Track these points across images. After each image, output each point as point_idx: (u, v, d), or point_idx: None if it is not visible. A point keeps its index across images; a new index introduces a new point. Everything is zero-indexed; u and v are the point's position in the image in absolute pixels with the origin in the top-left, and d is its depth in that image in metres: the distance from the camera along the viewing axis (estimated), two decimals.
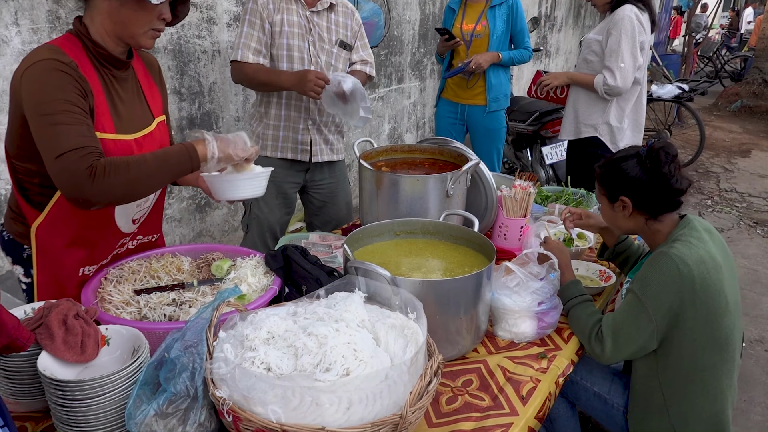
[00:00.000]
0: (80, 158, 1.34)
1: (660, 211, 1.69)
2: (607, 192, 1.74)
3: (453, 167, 2.21)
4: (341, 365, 1.15)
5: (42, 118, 1.36)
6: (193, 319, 1.26)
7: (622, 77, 2.92)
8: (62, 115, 1.36)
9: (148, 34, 1.49)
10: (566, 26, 8.29)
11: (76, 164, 1.34)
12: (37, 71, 1.38)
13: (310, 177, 2.70)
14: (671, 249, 1.57)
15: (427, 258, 1.76)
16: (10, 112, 1.49)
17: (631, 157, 1.69)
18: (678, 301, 1.55)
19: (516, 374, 1.51)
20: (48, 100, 1.36)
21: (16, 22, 2.50)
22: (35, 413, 1.34)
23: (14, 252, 1.65)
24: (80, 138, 1.36)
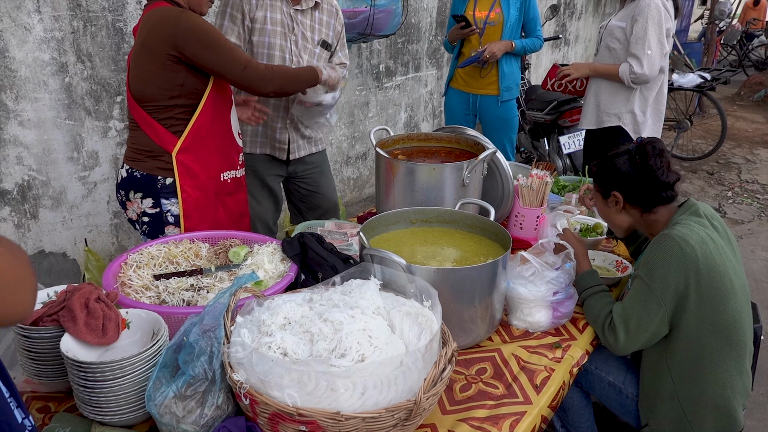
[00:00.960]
0: (258, 63, 1.97)
1: (652, 204, 1.72)
2: (601, 189, 1.79)
3: (469, 156, 2.20)
4: (356, 351, 1.16)
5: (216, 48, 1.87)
6: (211, 304, 1.28)
7: (649, 65, 2.87)
8: (228, 42, 1.92)
9: (207, 4, 2.00)
10: (586, 13, 8.16)
11: (258, 68, 1.96)
12: (190, 18, 1.84)
13: (293, 170, 2.63)
14: (672, 230, 1.59)
15: (442, 246, 1.76)
16: (143, 60, 1.88)
17: (623, 153, 1.73)
18: (684, 282, 1.55)
19: (530, 363, 1.52)
20: (213, 34, 1.88)
21: (38, 10, 2.53)
22: (58, 393, 1.37)
23: (146, 186, 1.98)
24: (245, 53, 2.02)
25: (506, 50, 3.53)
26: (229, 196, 2.12)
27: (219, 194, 2.08)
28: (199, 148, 1.98)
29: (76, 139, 2.78)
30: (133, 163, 1.99)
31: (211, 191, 2.05)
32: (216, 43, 1.87)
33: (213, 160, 2.03)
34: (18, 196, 2.63)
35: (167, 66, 1.86)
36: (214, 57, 1.87)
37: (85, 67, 2.74)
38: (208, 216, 2.04)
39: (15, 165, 2.59)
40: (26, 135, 2.60)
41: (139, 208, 2.00)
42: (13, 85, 2.52)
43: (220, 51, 1.87)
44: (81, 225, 2.90)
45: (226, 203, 2.11)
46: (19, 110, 2.56)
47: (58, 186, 2.77)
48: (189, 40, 1.83)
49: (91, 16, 2.71)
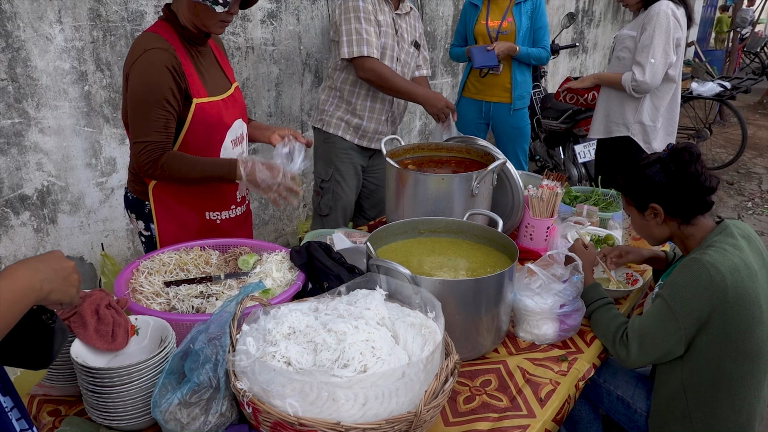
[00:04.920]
0: (146, 151, 1.75)
1: (692, 213, 1.65)
2: (634, 202, 1.71)
3: (479, 166, 2.20)
4: (359, 362, 1.17)
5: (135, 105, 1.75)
6: (218, 312, 1.30)
7: (651, 73, 2.85)
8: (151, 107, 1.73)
9: (218, 24, 1.83)
10: (605, 21, 8.10)
11: (142, 155, 1.76)
12: (146, 64, 1.73)
13: (371, 162, 2.94)
14: (704, 255, 1.54)
15: (449, 257, 1.76)
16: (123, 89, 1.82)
17: (655, 162, 1.66)
18: (708, 309, 1.51)
19: (535, 376, 1.51)
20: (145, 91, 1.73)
21: (60, 20, 2.60)
22: (69, 397, 1.40)
23: (137, 209, 2.00)
24: (157, 134, 1.75)
25: (509, 51, 3.51)
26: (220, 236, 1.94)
27: (203, 233, 1.96)
28: (176, 186, 1.90)
29: (94, 145, 2.84)
30: (129, 184, 2.02)
31: (192, 228, 1.96)
32: (140, 100, 1.73)
33: (193, 198, 1.94)
34: (38, 201, 2.70)
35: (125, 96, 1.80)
36: (132, 107, 1.77)
37: (104, 76, 2.80)
38: None
39: (35, 171, 2.66)
40: (46, 142, 2.66)
41: (137, 227, 2.05)
42: (34, 94, 2.58)
43: (137, 110, 1.75)
44: (98, 230, 2.96)
45: None
46: (40, 118, 2.62)
47: (76, 191, 2.82)
48: (131, 78, 1.75)
49: (110, 26, 2.77)
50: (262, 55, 3.55)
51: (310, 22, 3.81)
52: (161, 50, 1.75)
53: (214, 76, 1.94)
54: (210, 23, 1.81)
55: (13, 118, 2.54)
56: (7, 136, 2.53)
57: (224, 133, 1.93)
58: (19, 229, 2.66)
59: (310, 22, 3.81)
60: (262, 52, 3.55)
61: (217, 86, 1.93)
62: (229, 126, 1.94)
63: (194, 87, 1.83)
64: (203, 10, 1.77)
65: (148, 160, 1.76)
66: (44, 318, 1.00)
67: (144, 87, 1.74)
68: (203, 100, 1.85)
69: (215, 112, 1.88)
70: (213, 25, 1.82)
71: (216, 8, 1.72)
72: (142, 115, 1.75)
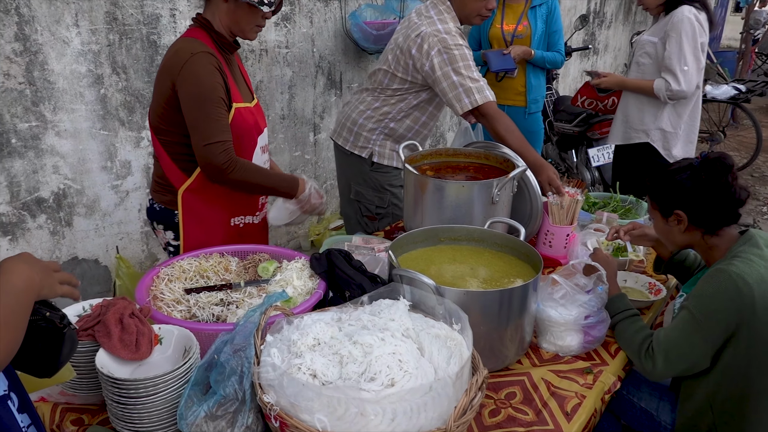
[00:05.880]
0: (225, 153, 1.76)
1: (718, 224, 1.62)
2: (659, 206, 1.68)
3: (498, 173, 2.19)
4: (386, 375, 1.16)
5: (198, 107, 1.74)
6: (242, 323, 1.29)
7: (686, 81, 2.81)
8: (214, 109, 1.75)
9: (254, 30, 1.85)
10: (616, 22, 8.05)
11: (219, 156, 1.75)
12: (198, 66, 1.73)
13: None
14: (730, 266, 1.51)
15: (471, 266, 1.75)
16: (157, 92, 1.83)
17: (685, 169, 1.63)
18: (735, 321, 1.49)
19: (560, 389, 1.49)
20: (203, 95, 1.73)
21: (77, 24, 2.60)
22: (92, 406, 1.40)
23: (166, 219, 1.97)
24: (225, 133, 1.77)
25: (524, 56, 3.49)
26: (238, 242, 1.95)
27: (227, 239, 1.96)
28: (208, 190, 1.90)
29: (110, 148, 2.84)
30: (154, 194, 2.00)
31: (218, 236, 1.95)
32: (202, 103, 1.74)
33: (223, 204, 1.94)
34: (54, 204, 2.70)
35: (171, 103, 1.80)
36: (191, 111, 1.76)
37: (119, 79, 2.80)
38: None
39: (51, 174, 2.66)
40: (63, 145, 2.66)
41: (164, 239, 2.03)
42: (51, 97, 2.58)
43: (200, 113, 1.75)
44: (113, 232, 2.96)
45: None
46: (57, 121, 2.62)
47: (91, 194, 2.83)
48: (184, 83, 1.74)
49: (126, 29, 2.77)
50: (275, 57, 3.55)
51: (323, 25, 3.80)
52: (207, 53, 1.76)
53: (242, 85, 1.96)
54: (248, 28, 1.82)
55: (31, 121, 2.54)
56: (24, 139, 2.54)
57: (257, 138, 1.96)
58: (36, 231, 2.66)
59: (323, 24, 3.80)
60: (275, 54, 3.54)
61: (247, 94, 1.96)
62: (261, 132, 1.98)
63: (233, 91, 1.84)
64: (246, 13, 1.78)
65: (228, 159, 1.76)
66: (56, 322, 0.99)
67: (202, 88, 1.74)
68: (241, 105, 1.87)
69: (250, 117, 1.91)
70: (250, 30, 1.83)
71: (263, 8, 1.76)
72: (206, 116, 1.74)
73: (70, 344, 1.03)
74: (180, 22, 2.97)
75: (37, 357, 0.99)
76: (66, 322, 1.01)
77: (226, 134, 1.78)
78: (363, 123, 2.59)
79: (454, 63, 2.30)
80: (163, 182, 1.94)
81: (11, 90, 2.46)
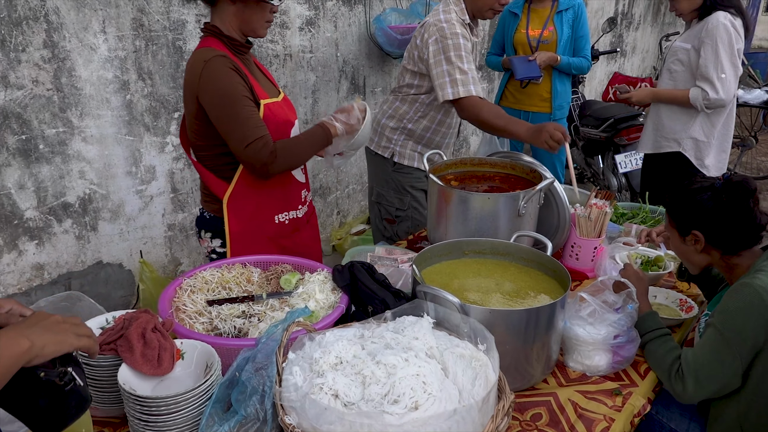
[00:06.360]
0: (264, 147, 1.76)
1: (737, 247, 1.60)
2: (677, 225, 1.66)
3: (524, 183, 2.14)
4: (410, 398, 1.14)
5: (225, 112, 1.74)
6: (264, 341, 1.28)
7: (725, 89, 2.73)
8: (243, 109, 1.75)
9: (265, 26, 1.85)
10: (644, 23, 7.90)
11: (261, 152, 1.76)
12: (215, 71, 1.73)
13: None
14: (755, 279, 1.47)
15: (496, 280, 1.71)
16: (186, 111, 1.85)
17: (706, 189, 1.60)
18: (764, 335, 1.44)
19: (588, 411, 1.45)
20: (229, 96, 1.74)
21: (104, 30, 2.62)
22: (113, 419, 1.39)
23: (214, 227, 2.00)
24: (260, 128, 1.77)
25: (550, 62, 3.43)
26: (287, 239, 2.05)
27: (274, 238, 2.01)
28: (250, 193, 1.92)
29: (135, 154, 2.87)
30: (204, 204, 2.04)
31: (264, 235, 1.99)
32: (228, 106, 1.75)
33: (267, 203, 1.97)
34: (79, 209, 2.73)
35: (198, 116, 1.81)
36: (221, 118, 1.77)
37: (145, 85, 2.82)
38: None
39: (77, 179, 2.69)
40: (89, 150, 2.69)
41: (209, 247, 2.05)
42: (78, 103, 2.61)
43: (230, 116, 1.75)
44: (137, 237, 2.98)
45: (284, 247, 2.03)
46: (83, 127, 2.65)
47: (116, 199, 2.85)
48: (204, 92, 1.75)
49: (152, 35, 2.79)
50: (299, 62, 3.54)
51: (347, 29, 3.79)
52: (220, 56, 1.76)
53: (263, 82, 1.98)
54: (258, 25, 1.83)
55: (58, 127, 2.57)
56: (51, 145, 2.57)
57: (290, 131, 1.98)
58: (62, 236, 2.70)
59: (347, 29, 3.79)
60: (299, 59, 3.54)
61: (271, 90, 1.97)
62: (293, 125, 1.99)
63: (257, 89, 1.85)
64: (255, 10, 1.79)
65: (268, 152, 1.77)
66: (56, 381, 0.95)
67: (222, 91, 1.74)
68: (268, 101, 1.88)
69: (281, 111, 1.93)
70: (260, 27, 1.84)
71: (272, 2, 1.78)
72: (236, 117, 1.75)
73: (76, 402, 0.99)
74: None
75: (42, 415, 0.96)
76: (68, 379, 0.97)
77: (262, 129, 1.78)
78: (385, 123, 2.65)
79: (447, 51, 2.33)
80: (208, 193, 1.99)
81: (39, 96, 2.49)
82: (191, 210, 3.19)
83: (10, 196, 2.50)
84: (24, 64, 2.42)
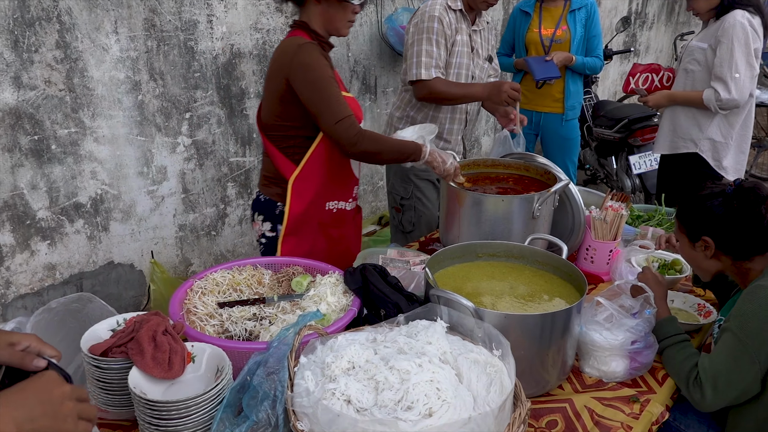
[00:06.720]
0: (353, 124, 1.86)
1: (748, 253, 1.57)
2: (687, 230, 1.64)
3: (538, 185, 2.11)
4: (424, 404, 1.11)
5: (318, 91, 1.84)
6: (275, 345, 1.26)
7: (738, 89, 2.68)
8: (333, 89, 1.85)
9: (347, 25, 1.96)
10: (658, 23, 7.81)
11: (350, 129, 1.85)
12: (307, 54, 1.83)
13: None
14: None
15: (510, 283, 1.68)
16: (269, 92, 1.95)
17: (717, 195, 1.58)
18: None
19: (605, 418, 1.42)
20: (321, 78, 1.84)
21: (116, 31, 2.62)
22: (124, 422, 1.38)
23: (267, 210, 2.09)
24: (348, 108, 1.87)
25: (566, 62, 3.39)
26: (334, 228, 2.13)
27: (323, 224, 2.09)
28: (314, 176, 2.01)
29: (146, 154, 2.87)
30: (261, 188, 2.12)
31: (315, 219, 2.07)
32: (319, 86, 1.85)
33: (324, 189, 2.05)
34: (91, 209, 2.73)
35: (284, 98, 1.90)
36: (311, 96, 1.86)
37: (156, 85, 2.82)
38: (305, 243, 2.07)
39: (89, 180, 2.69)
40: (101, 151, 2.69)
41: (260, 230, 2.12)
42: (90, 104, 2.61)
43: (320, 94, 1.85)
44: (148, 237, 2.98)
45: (330, 235, 2.13)
46: (95, 127, 2.65)
47: (128, 200, 2.85)
48: (297, 74, 1.84)
49: (164, 35, 2.79)
50: None
51: (359, 29, 3.77)
52: (312, 43, 1.87)
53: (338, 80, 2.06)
54: (341, 24, 1.93)
55: (70, 127, 2.58)
56: (63, 145, 2.57)
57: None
58: (74, 236, 2.70)
59: (359, 29, 3.77)
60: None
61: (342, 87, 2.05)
62: (361, 121, 2.03)
63: (338, 81, 1.94)
64: (338, 10, 1.89)
65: (357, 131, 1.85)
66: None
67: (316, 73, 1.84)
68: (346, 94, 1.96)
69: (354, 105, 2.00)
70: (343, 26, 1.94)
71: (353, 2, 1.87)
72: (328, 96, 1.84)
73: None
74: (217, 28, 2.98)
75: None
76: None
77: (349, 110, 1.88)
78: (392, 113, 2.76)
79: (420, 33, 2.43)
80: (272, 176, 2.06)
81: (52, 97, 2.50)
82: (202, 210, 3.18)
83: (22, 196, 2.51)
84: (37, 65, 2.42)
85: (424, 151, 1.95)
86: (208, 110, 3.06)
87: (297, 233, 2.03)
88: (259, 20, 3.17)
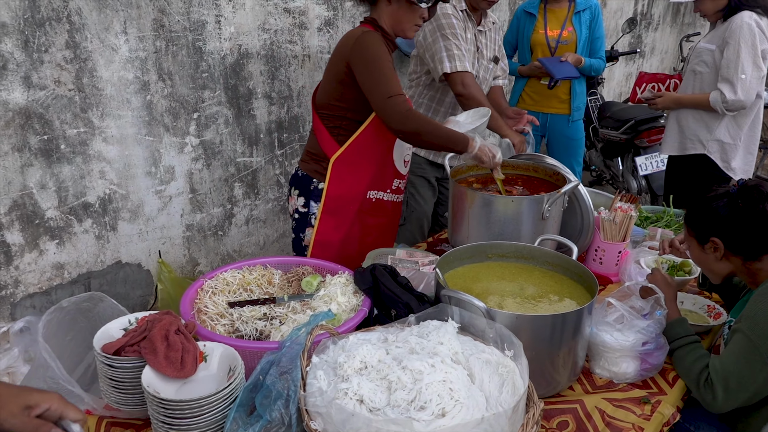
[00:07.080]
0: (404, 102, 1.92)
1: (757, 252, 1.57)
2: (695, 233, 1.65)
3: (548, 185, 2.11)
4: (436, 404, 1.12)
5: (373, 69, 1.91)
6: (288, 345, 1.26)
7: (743, 90, 2.67)
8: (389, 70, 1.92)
9: (413, 28, 2.03)
10: (663, 24, 7.79)
11: (401, 105, 1.90)
12: (369, 38, 1.94)
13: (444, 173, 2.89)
14: None
15: (520, 284, 1.68)
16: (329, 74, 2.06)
17: (722, 196, 1.59)
18: None
19: (616, 419, 1.42)
20: (379, 58, 1.92)
21: (125, 31, 2.63)
22: (136, 420, 1.39)
23: (302, 185, 2.16)
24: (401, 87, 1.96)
25: (575, 64, 3.39)
26: (372, 217, 2.19)
27: (361, 212, 2.15)
28: (356, 161, 2.06)
29: (154, 154, 2.87)
30: (301, 164, 2.20)
31: (354, 205, 2.12)
32: (377, 65, 1.91)
33: (365, 176, 2.10)
34: (99, 209, 2.74)
35: (342, 80, 1.98)
36: (367, 73, 1.92)
37: (165, 85, 2.83)
38: (343, 226, 2.13)
39: (98, 179, 2.70)
40: (109, 151, 2.70)
41: (294, 205, 2.20)
42: (99, 104, 2.62)
43: (376, 72, 1.91)
44: (156, 237, 2.99)
45: (366, 224, 2.18)
46: (104, 127, 2.66)
47: (136, 199, 2.86)
48: (355, 54, 1.92)
49: (173, 36, 2.80)
50: (317, 62, 3.53)
51: None
52: (376, 33, 1.97)
53: None
54: (408, 26, 2.01)
55: (79, 127, 2.59)
56: (72, 145, 2.58)
57: None
58: (82, 236, 2.71)
59: None
60: (318, 59, 3.52)
61: None
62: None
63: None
64: (406, 12, 1.97)
65: (408, 108, 1.90)
66: None
67: (374, 53, 1.91)
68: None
69: None
70: (410, 28, 2.02)
71: (421, 5, 1.95)
72: (383, 74, 1.91)
73: None
74: (225, 28, 2.99)
75: None
76: None
77: (402, 89, 1.95)
78: None
79: (442, 29, 2.47)
80: (314, 152, 2.14)
81: (61, 97, 2.50)
82: (209, 210, 3.19)
83: (32, 195, 2.51)
84: (46, 65, 2.43)
85: (473, 145, 1.97)
86: (216, 110, 3.07)
87: (336, 214, 2.10)
88: (267, 21, 3.17)
